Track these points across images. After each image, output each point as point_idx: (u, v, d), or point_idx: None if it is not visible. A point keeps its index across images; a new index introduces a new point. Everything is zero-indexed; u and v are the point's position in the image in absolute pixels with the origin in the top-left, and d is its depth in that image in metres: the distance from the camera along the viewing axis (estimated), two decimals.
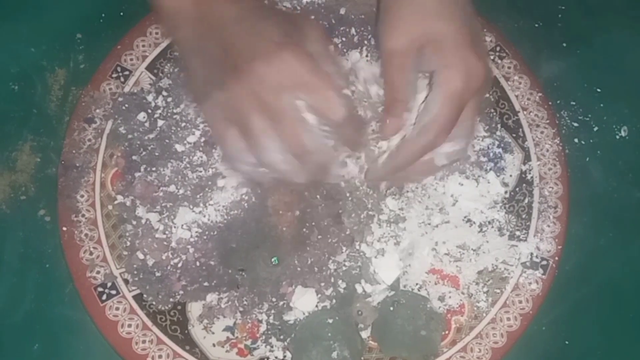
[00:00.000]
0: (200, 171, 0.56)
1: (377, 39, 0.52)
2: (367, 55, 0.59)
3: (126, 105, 0.59)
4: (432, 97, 0.48)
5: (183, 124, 0.58)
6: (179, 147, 0.57)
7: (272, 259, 0.54)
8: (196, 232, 0.55)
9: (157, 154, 0.57)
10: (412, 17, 0.49)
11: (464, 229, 0.56)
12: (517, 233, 0.56)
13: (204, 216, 0.55)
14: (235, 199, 0.55)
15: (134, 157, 0.57)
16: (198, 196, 0.55)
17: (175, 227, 0.55)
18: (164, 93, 0.59)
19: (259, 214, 0.55)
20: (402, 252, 0.55)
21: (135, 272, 0.55)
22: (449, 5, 0.49)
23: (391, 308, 0.53)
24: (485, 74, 0.48)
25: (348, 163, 0.52)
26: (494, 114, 0.59)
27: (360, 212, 0.55)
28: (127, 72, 0.60)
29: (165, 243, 0.55)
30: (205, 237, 0.55)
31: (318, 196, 0.55)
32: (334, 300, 0.54)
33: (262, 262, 0.54)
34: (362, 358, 0.53)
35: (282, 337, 0.53)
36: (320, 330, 0.52)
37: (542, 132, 0.59)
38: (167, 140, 0.57)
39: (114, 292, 0.54)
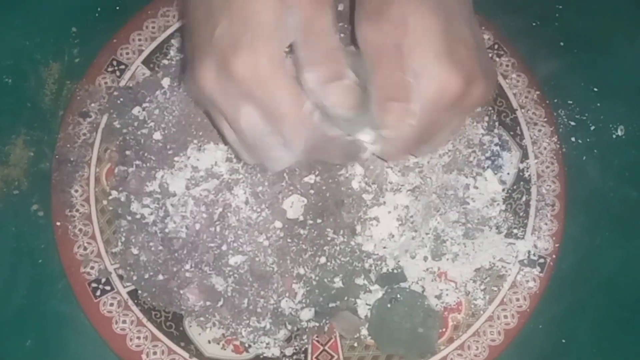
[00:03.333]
0: (196, 166, 0.56)
1: None
2: None
3: (121, 100, 0.59)
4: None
5: None
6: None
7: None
8: (192, 228, 0.54)
9: (152, 149, 0.57)
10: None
11: (461, 227, 0.56)
12: (515, 231, 0.56)
13: (200, 212, 0.54)
14: None
15: (127, 152, 0.57)
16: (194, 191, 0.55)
17: (170, 223, 0.54)
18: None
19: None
20: (399, 249, 0.54)
21: (130, 268, 0.54)
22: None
23: (388, 305, 0.53)
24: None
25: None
26: (492, 111, 0.59)
27: (359, 207, 0.54)
28: (122, 66, 0.60)
29: (160, 239, 0.54)
30: (201, 233, 0.54)
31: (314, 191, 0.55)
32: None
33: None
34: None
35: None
36: None
37: (539, 130, 0.59)
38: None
39: (108, 287, 0.54)
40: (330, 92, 0.44)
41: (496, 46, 0.62)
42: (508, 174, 0.58)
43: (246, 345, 0.53)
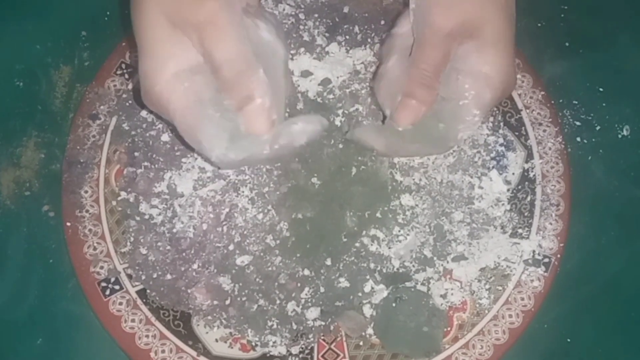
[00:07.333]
0: (203, 167, 0.56)
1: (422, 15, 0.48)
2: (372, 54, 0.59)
3: (130, 102, 0.60)
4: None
5: None
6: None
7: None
8: (199, 228, 0.55)
9: (160, 150, 0.57)
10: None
11: (466, 226, 0.56)
12: (520, 231, 0.56)
13: (207, 212, 0.55)
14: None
15: (136, 154, 0.58)
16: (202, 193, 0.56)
17: (178, 223, 0.55)
18: None
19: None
20: (404, 249, 0.55)
21: (138, 268, 0.55)
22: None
23: (393, 304, 0.53)
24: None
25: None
26: (497, 112, 0.60)
27: (364, 208, 0.55)
28: (131, 69, 0.61)
29: (168, 239, 0.55)
30: (208, 233, 0.55)
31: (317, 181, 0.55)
32: None
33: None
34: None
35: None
36: None
37: (544, 131, 0.59)
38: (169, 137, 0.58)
39: (117, 287, 0.55)
40: (243, 118, 0.46)
41: None
42: (513, 174, 0.58)
43: (253, 343, 0.54)
